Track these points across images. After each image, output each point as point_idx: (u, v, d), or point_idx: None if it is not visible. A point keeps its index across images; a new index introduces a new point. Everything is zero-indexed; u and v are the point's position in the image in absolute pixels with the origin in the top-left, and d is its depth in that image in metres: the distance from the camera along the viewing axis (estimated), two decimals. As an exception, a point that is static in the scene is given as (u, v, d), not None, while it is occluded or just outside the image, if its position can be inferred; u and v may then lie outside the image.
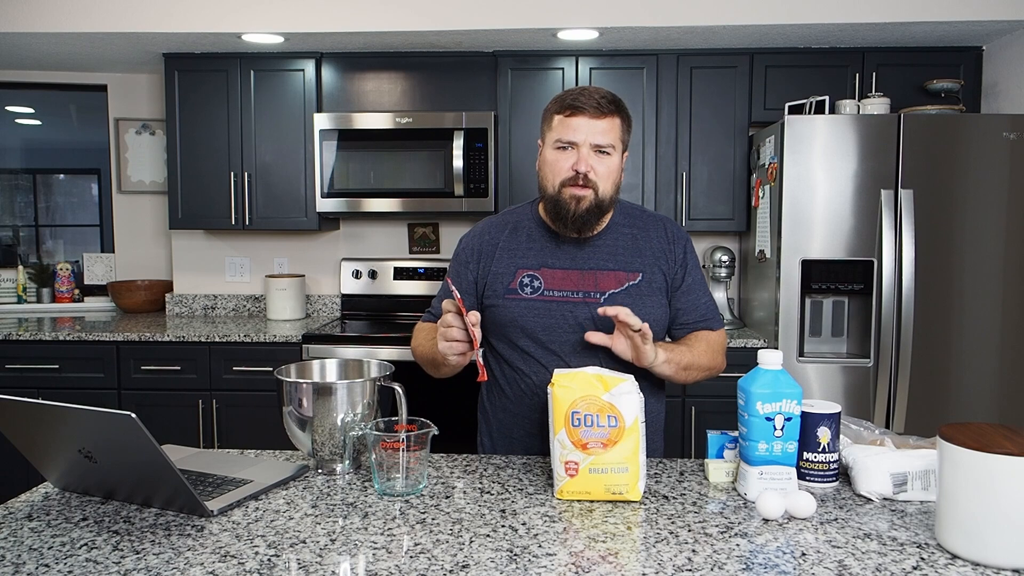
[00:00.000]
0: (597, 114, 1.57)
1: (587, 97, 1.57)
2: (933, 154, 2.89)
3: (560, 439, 1.32)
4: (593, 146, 1.57)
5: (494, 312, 1.68)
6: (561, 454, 1.31)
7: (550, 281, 1.65)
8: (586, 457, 1.30)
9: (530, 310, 1.64)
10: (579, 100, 1.57)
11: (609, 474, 1.30)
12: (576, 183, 1.57)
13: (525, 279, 1.66)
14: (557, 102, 1.61)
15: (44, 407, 1.24)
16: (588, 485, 1.30)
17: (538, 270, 1.66)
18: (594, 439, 1.30)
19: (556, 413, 1.32)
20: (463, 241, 1.77)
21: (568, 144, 1.58)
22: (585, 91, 1.59)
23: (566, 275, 1.65)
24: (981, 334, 2.92)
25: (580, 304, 1.63)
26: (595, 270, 1.65)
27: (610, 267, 1.66)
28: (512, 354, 1.68)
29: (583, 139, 1.57)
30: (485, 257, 1.70)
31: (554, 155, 1.60)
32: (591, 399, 1.31)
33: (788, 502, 1.25)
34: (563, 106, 1.59)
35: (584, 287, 1.64)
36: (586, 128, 1.57)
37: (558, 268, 1.66)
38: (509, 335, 1.67)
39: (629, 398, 1.31)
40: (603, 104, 1.57)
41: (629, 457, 1.30)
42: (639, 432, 1.31)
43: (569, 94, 1.60)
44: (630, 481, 1.30)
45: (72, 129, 7.29)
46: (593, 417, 1.31)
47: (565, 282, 1.64)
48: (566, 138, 1.57)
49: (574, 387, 1.32)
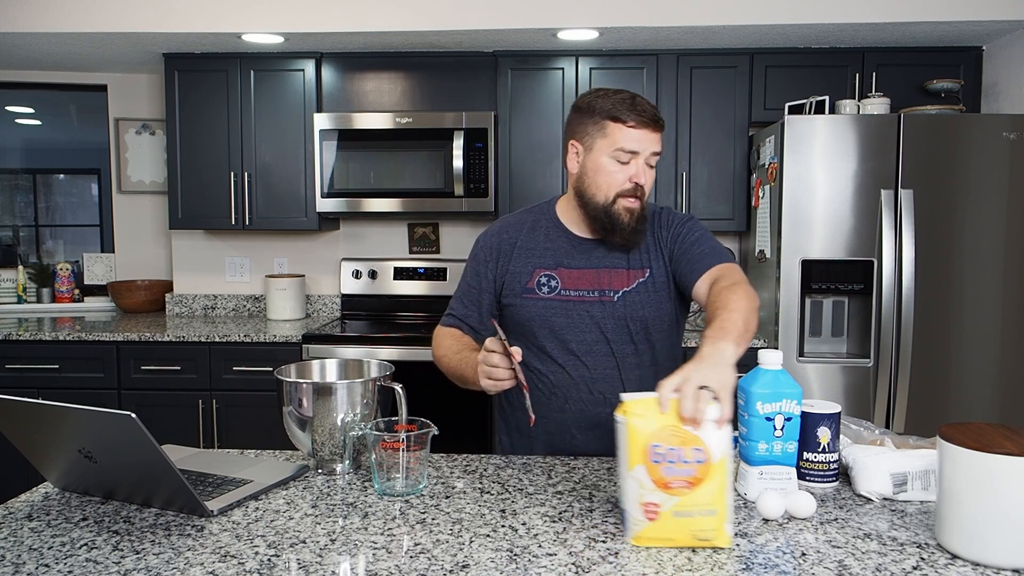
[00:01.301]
0: (655, 127, 1.58)
1: (644, 109, 1.57)
2: (933, 154, 2.89)
3: (637, 476, 1.14)
4: (648, 155, 1.59)
5: (512, 311, 1.69)
6: (638, 494, 1.14)
7: (567, 281, 1.66)
8: (669, 498, 1.13)
9: (548, 309, 1.64)
10: (640, 113, 1.56)
11: (695, 518, 1.12)
12: (633, 195, 1.59)
13: (542, 278, 1.66)
14: (610, 110, 1.57)
15: (44, 407, 1.24)
16: (671, 531, 1.13)
17: (555, 270, 1.67)
18: (678, 477, 1.13)
19: (632, 447, 1.14)
20: (481, 240, 1.76)
21: (629, 155, 1.57)
22: (638, 100, 1.58)
23: (581, 274, 1.66)
24: (981, 334, 2.92)
25: (596, 303, 1.64)
26: (609, 268, 1.66)
27: (622, 265, 1.66)
28: (529, 354, 1.68)
29: (643, 149, 1.57)
30: (504, 256, 1.71)
31: (612, 165, 1.58)
32: (673, 430, 1.13)
33: (788, 502, 1.25)
34: (623, 116, 1.56)
35: (599, 286, 1.65)
36: (646, 140, 1.57)
37: (574, 268, 1.66)
38: (526, 334, 1.67)
39: (716, 426, 1.14)
40: (658, 116, 1.60)
41: (716, 497, 1.13)
42: (726, 468, 1.13)
43: (621, 103, 1.57)
44: (717, 525, 1.13)
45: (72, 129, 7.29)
46: (677, 451, 1.13)
47: (581, 281, 1.65)
48: (628, 148, 1.57)
49: (651, 416, 1.14)
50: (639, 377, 1.66)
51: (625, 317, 1.64)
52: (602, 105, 1.59)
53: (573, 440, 1.67)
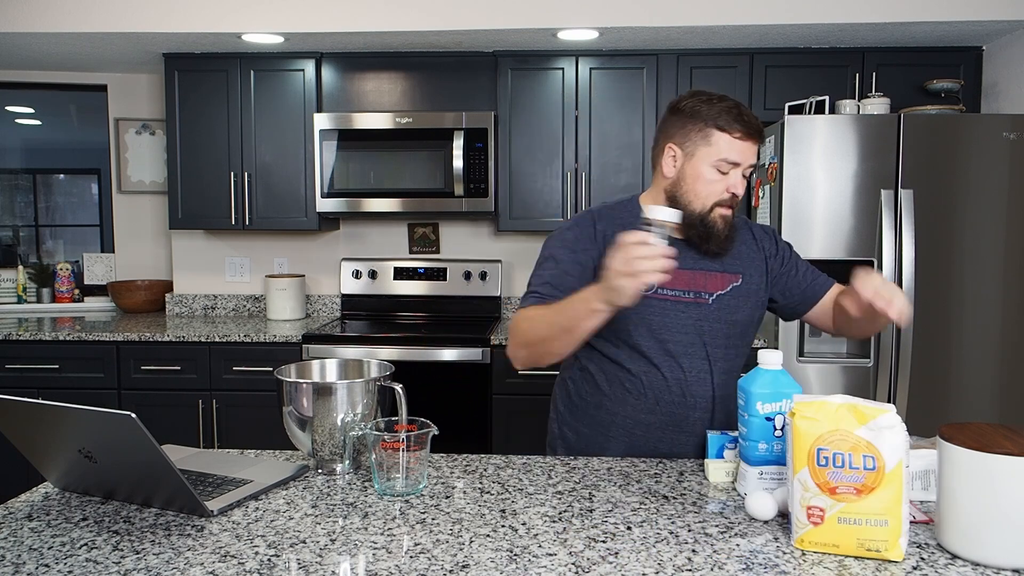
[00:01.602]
0: (758, 139, 1.59)
1: (750, 120, 1.57)
2: (933, 154, 2.89)
3: (801, 479, 1.13)
4: (746, 167, 1.60)
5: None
6: (803, 497, 1.13)
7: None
8: (834, 503, 1.11)
9: (645, 307, 1.60)
10: (746, 124, 1.56)
11: (863, 527, 1.10)
12: (728, 205, 1.60)
13: None
14: (716, 118, 1.56)
15: (44, 407, 1.24)
16: (836, 536, 1.11)
17: None
18: (845, 483, 1.11)
19: (797, 449, 1.14)
20: (572, 230, 1.67)
21: (731, 166, 1.57)
22: (743, 111, 1.58)
23: (678, 275, 1.62)
24: (981, 334, 2.92)
25: (692, 304, 1.63)
26: (704, 271, 1.65)
27: (716, 268, 1.66)
28: (617, 352, 1.65)
29: (744, 160, 1.58)
30: (600, 245, 1.64)
31: (713, 174, 1.58)
32: (842, 434, 1.11)
33: (783, 500, 1.25)
34: (729, 127, 1.56)
35: (695, 287, 1.64)
36: (748, 152, 1.58)
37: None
38: (620, 332, 1.63)
39: (891, 433, 1.10)
40: (762, 128, 1.60)
41: (890, 507, 1.09)
42: (903, 477, 1.09)
43: (727, 111, 1.56)
44: (890, 537, 1.09)
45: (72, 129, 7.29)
46: (844, 456, 1.11)
47: (677, 282, 1.62)
48: (732, 159, 1.57)
49: (821, 419, 1.12)
50: (725, 382, 1.66)
51: (721, 320, 1.64)
52: (707, 112, 1.57)
53: (658, 443, 1.64)
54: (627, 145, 3.44)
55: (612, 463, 1.53)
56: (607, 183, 3.45)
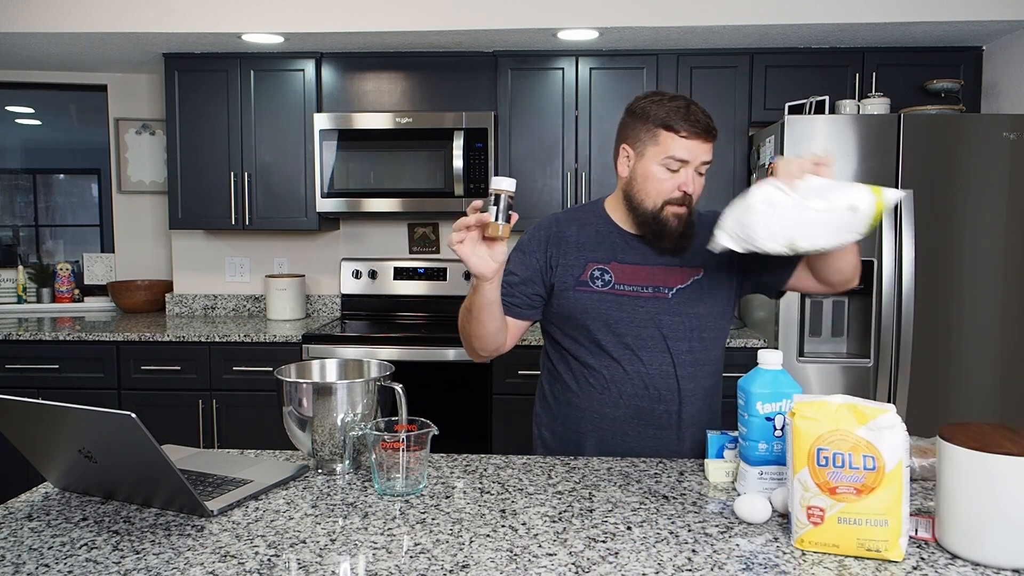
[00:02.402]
0: (708, 137, 1.59)
1: (697, 119, 1.57)
2: (933, 154, 2.89)
3: (801, 479, 1.14)
4: (698, 165, 1.59)
5: (564, 304, 1.67)
6: (803, 497, 1.13)
7: (620, 275, 1.66)
8: (834, 503, 1.11)
9: (601, 303, 1.64)
10: (693, 123, 1.56)
11: (864, 527, 1.10)
12: (681, 203, 1.60)
13: (595, 272, 1.66)
14: (664, 118, 1.57)
15: (44, 407, 1.24)
16: (836, 536, 1.11)
17: (608, 264, 1.67)
18: (845, 483, 1.11)
19: (797, 449, 1.14)
20: (528, 234, 1.75)
21: (679, 163, 1.58)
22: (692, 110, 1.58)
23: (636, 270, 1.66)
24: (981, 334, 2.92)
25: (650, 299, 1.65)
26: (663, 266, 1.67)
27: (676, 264, 1.67)
28: (580, 348, 1.68)
29: (694, 159, 1.58)
30: (553, 247, 1.69)
31: (662, 172, 1.59)
32: (842, 434, 1.11)
33: (782, 500, 1.25)
34: (676, 125, 1.56)
35: (653, 282, 1.66)
36: (697, 150, 1.58)
37: (627, 263, 1.67)
38: (580, 328, 1.66)
39: (892, 433, 1.10)
40: (712, 126, 1.59)
41: (890, 507, 1.09)
42: (903, 477, 1.10)
43: (675, 111, 1.57)
44: (890, 537, 1.09)
45: (72, 129, 7.29)
46: (844, 456, 1.11)
47: (635, 277, 1.65)
48: (680, 157, 1.57)
49: (821, 419, 1.13)
50: (692, 375, 1.67)
51: (680, 314, 1.65)
52: (656, 112, 1.59)
53: (626, 438, 1.66)
54: (627, 145, 3.43)
55: (612, 463, 1.53)
56: (607, 183, 3.45)
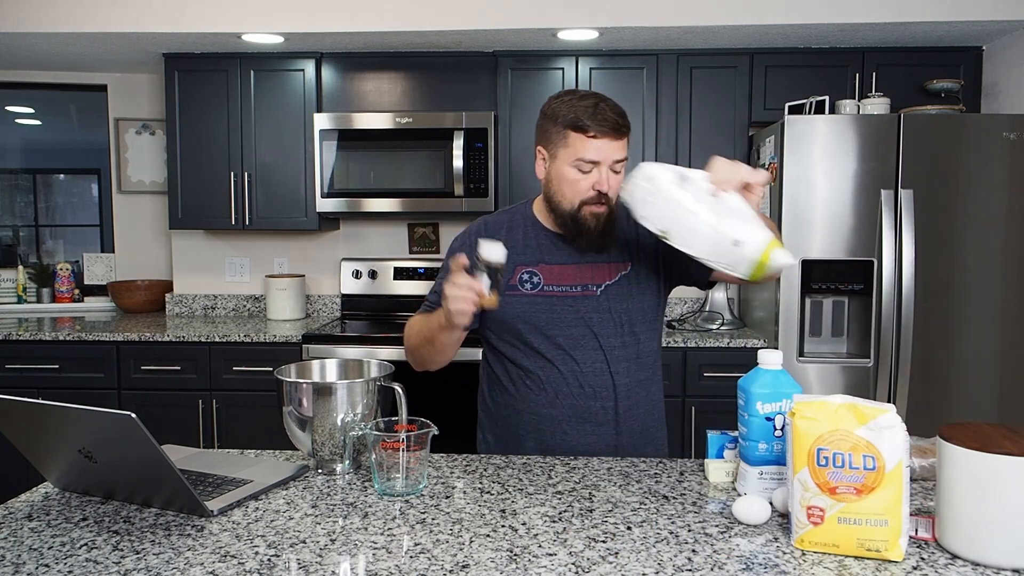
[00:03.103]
0: (617, 135, 1.56)
1: (606, 118, 1.54)
2: (933, 154, 2.89)
3: (801, 479, 1.13)
4: (611, 163, 1.58)
5: (496, 309, 1.67)
6: (803, 497, 1.13)
7: (548, 277, 1.67)
8: (834, 503, 1.11)
9: (531, 306, 1.65)
10: (600, 122, 1.54)
11: (863, 527, 1.10)
12: (597, 202, 1.59)
13: (524, 275, 1.67)
14: (571, 119, 1.56)
15: (44, 407, 1.24)
16: (836, 536, 1.11)
17: (536, 266, 1.67)
18: (845, 483, 1.11)
19: (797, 449, 1.14)
20: (459, 239, 1.77)
21: (590, 164, 1.56)
22: (600, 109, 1.55)
23: (563, 270, 1.67)
24: (981, 334, 2.92)
25: (580, 298, 1.65)
26: (590, 263, 1.67)
27: (603, 260, 1.68)
28: (514, 351, 1.69)
29: (604, 158, 1.56)
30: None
31: (574, 174, 1.58)
32: (842, 434, 1.11)
33: (782, 500, 1.25)
34: (582, 126, 1.55)
35: (581, 280, 1.66)
36: (607, 149, 1.56)
37: (555, 264, 1.67)
38: (512, 332, 1.68)
39: (892, 433, 1.10)
40: (620, 124, 1.56)
41: (890, 507, 1.09)
42: (903, 477, 1.10)
43: (583, 111, 1.55)
44: (890, 537, 1.09)
45: (72, 129, 7.29)
46: (844, 456, 1.11)
47: (563, 277, 1.66)
48: (588, 158, 1.56)
49: (821, 419, 1.13)
50: (626, 369, 1.67)
51: (610, 310, 1.65)
52: (564, 113, 1.57)
53: (564, 436, 1.67)
54: (627, 145, 3.44)
55: (612, 463, 1.53)
56: (607, 183, 3.45)
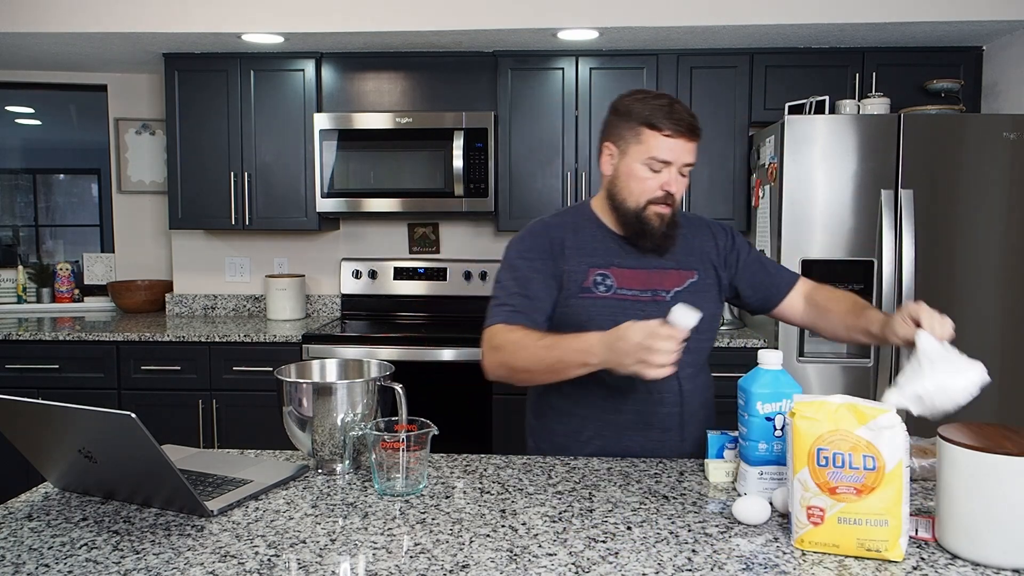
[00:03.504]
0: (691, 136, 1.57)
1: (681, 118, 1.55)
2: (933, 154, 2.89)
3: (801, 479, 1.13)
4: (681, 165, 1.58)
5: (568, 312, 1.64)
6: (802, 497, 1.13)
7: (620, 280, 1.64)
8: (834, 503, 1.11)
9: (605, 309, 1.62)
10: (676, 122, 1.54)
11: (864, 526, 1.10)
12: (664, 202, 1.59)
13: (597, 278, 1.64)
14: (647, 116, 1.56)
15: (44, 407, 1.24)
16: (836, 536, 1.11)
17: (608, 268, 1.64)
18: (845, 483, 1.11)
19: (797, 449, 1.14)
20: (527, 239, 1.68)
21: (662, 164, 1.57)
22: (676, 109, 1.56)
23: (635, 274, 1.65)
24: (981, 334, 2.92)
25: (650, 303, 1.63)
26: (659, 269, 1.66)
27: (671, 266, 1.67)
28: None
29: (676, 159, 1.57)
30: (556, 253, 1.65)
31: (644, 172, 1.58)
32: (842, 434, 1.11)
33: (782, 500, 1.25)
34: (659, 124, 1.55)
35: (651, 285, 1.65)
36: (680, 150, 1.56)
37: (626, 267, 1.65)
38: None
39: (892, 433, 1.10)
40: (695, 126, 1.57)
41: (890, 507, 1.09)
42: (903, 477, 1.09)
43: (659, 109, 1.55)
44: (890, 537, 1.09)
45: (72, 129, 7.29)
46: (844, 456, 1.11)
47: (634, 281, 1.64)
48: (661, 158, 1.56)
49: (821, 419, 1.13)
50: (691, 375, 1.67)
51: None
52: (639, 110, 1.57)
53: (630, 442, 1.64)
54: (627, 145, 3.43)
55: (612, 463, 1.53)
56: (607, 183, 3.45)
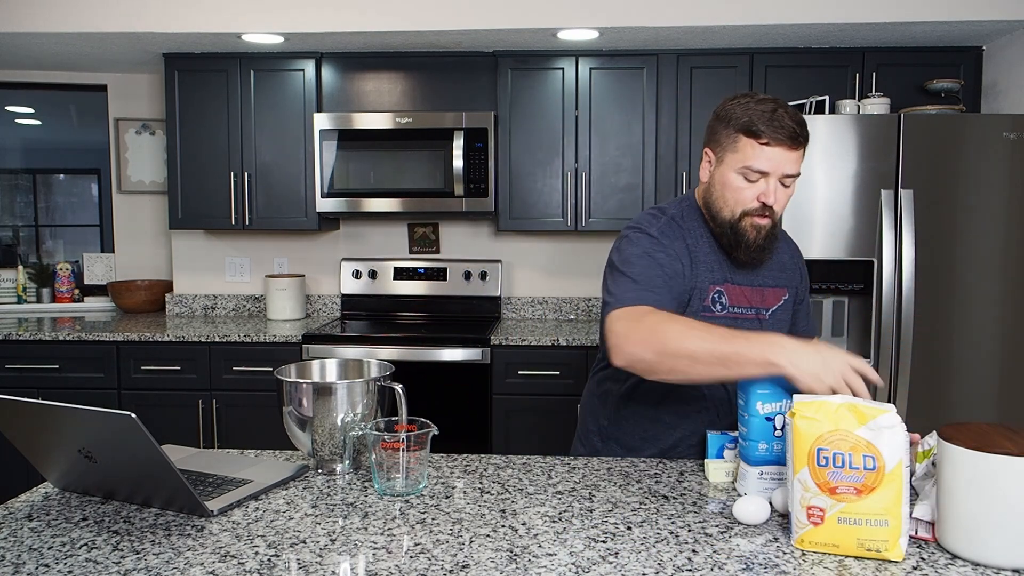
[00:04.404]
0: (792, 145, 1.46)
1: (782, 125, 1.45)
2: (933, 154, 2.89)
3: (801, 479, 1.13)
4: (782, 176, 1.49)
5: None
6: (802, 497, 1.13)
7: (732, 297, 1.59)
8: (834, 503, 1.11)
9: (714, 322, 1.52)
10: (776, 129, 1.45)
11: (863, 527, 1.10)
12: (760, 214, 1.51)
13: (715, 295, 1.58)
14: (745, 122, 1.47)
15: (44, 407, 1.24)
16: (835, 536, 1.11)
17: (723, 285, 1.59)
18: (845, 483, 1.11)
19: (797, 448, 1.14)
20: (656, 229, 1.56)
21: (758, 173, 1.48)
22: (778, 115, 1.45)
23: (742, 291, 1.60)
24: (981, 334, 2.92)
25: (752, 320, 1.60)
26: (763, 287, 1.63)
27: (771, 284, 1.64)
28: None
29: (775, 169, 1.47)
30: (692, 263, 1.56)
31: (739, 182, 1.50)
32: (842, 434, 1.11)
33: (782, 500, 1.25)
34: (757, 132, 1.45)
35: (754, 303, 1.62)
36: (780, 159, 1.47)
37: (736, 284, 1.60)
38: None
39: (891, 433, 1.09)
40: (798, 133, 1.46)
41: (890, 507, 1.09)
42: (903, 477, 1.09)
43: (759, 115, 1.45)
44: (890, 537, 1.09)
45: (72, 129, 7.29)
46: (844, 456, 1.11)
47: (742, 298, 1.60)
48: (757, 167, 1.47)
49: (821, 419, 1.12)
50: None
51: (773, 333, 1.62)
52: (738, 115, 1.49)
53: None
54: (627, 145, 3.44)
55: (612, 463, 1.53)
56: (607, 183, 3.45)
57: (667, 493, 1.37)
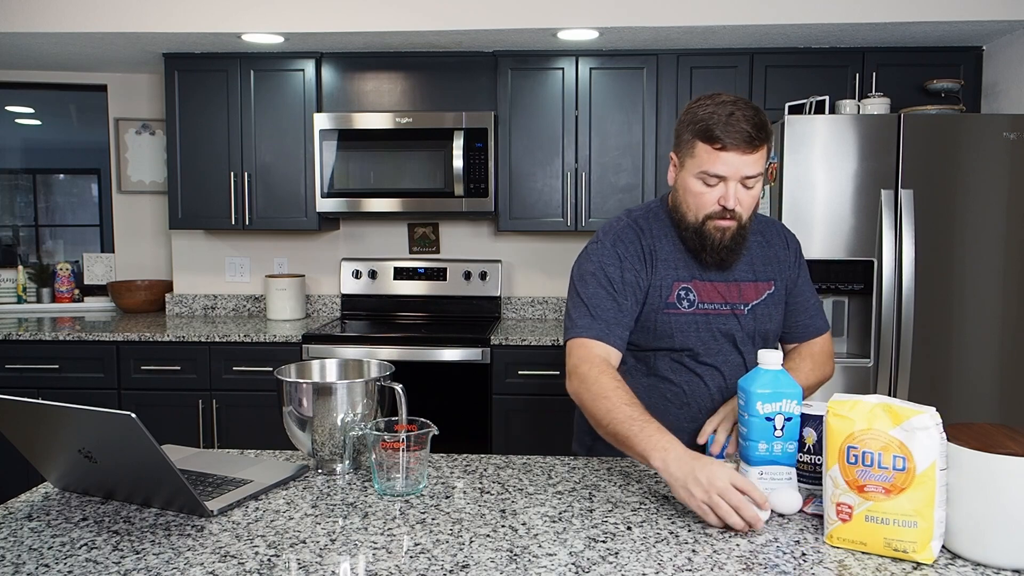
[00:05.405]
0: (749, 148, 1.46)
1: (737, 129, 1.44)
2: (933, 154, 2.89)
3: (832, 476, 1.15)
4: (741, 178, 1.49)
5: (649, 325, 1.60)
6: (833, 494, 1.15)
7: (701, 294, 1.60)
8: (862, 501, 1.12)
9: (689, 324, 1.59)
10: (731, 133, 1.44)
11: (891, 526, 1.10)
12: (723, 216, 1.51)
13: (681, 292, 1.59)
14: (702, 129, 1.47)
15: (44, 407, 1.24)
16: (863, 534, 1.12)
17: (690, 282, 1.60)
18: (874, 482, 1.11)
19: (830, 445, 1.16)
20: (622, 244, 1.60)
21: (716, 178, 1.49)
22: (734, 120, 1.45)
23: (714, 287, 1.61)
24: (982, 334, 2.92)
25: (729, 316, 1.61)
26: (738, 281, 1.62)
27: (750, 278, 1.64)
28: (661, 363, 1.62)
29: (733, 173, 1.47)
30: (649, 263, 1.60)
31: (699, 186, 1.51)
32: (875, 433, 1.11)
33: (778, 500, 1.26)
34: (711, 137, 1.46)
35: (730, 298, 1.61)
36: (736, 163, 1.46)
37: (706, 280, 1.61)
38: (664, 348, 1.61)
39: (926, 435, 1.08)
40: (754, 136, 1.45)
41: (920, 509, 1.08)
42: (935, 480, 1.07)
43: (717, 121, 1.45)
44: (919, 539, 1.08)
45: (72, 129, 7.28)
46: (874, 455, 1.11)
47: (713, 294, 1.60)
48: (713, 172, 1.48)
49: (853, 417, 1.13)
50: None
51: (754, 330, 1.62)
52: (695, 120, 1.49)
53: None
54: (627, 145, 3.44)
55: (612, 463, 1.53)
56: (607, 183, 3.45)
57: (667, 493, 1.37)
